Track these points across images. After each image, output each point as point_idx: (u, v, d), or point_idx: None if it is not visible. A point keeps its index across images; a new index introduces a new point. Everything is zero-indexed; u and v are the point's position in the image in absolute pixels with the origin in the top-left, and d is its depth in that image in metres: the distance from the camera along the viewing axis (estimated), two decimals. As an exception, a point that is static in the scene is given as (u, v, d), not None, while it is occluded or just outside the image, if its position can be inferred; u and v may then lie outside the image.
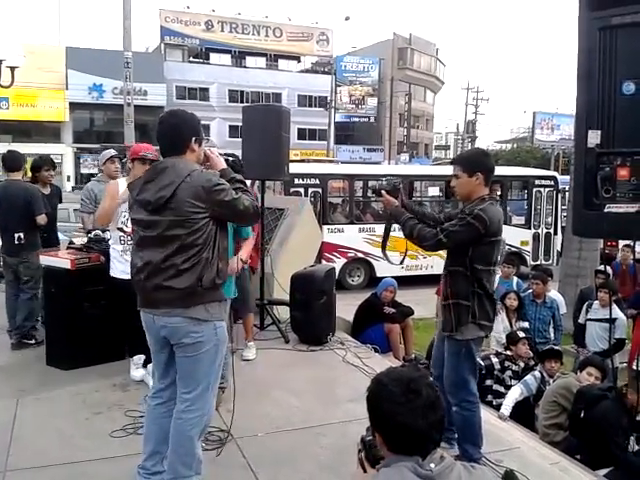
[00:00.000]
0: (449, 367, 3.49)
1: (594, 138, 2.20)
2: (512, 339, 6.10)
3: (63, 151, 31.73)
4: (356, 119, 46.12)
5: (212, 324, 2.77)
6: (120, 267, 4.29)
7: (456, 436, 3.57)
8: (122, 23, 13.77)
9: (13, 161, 5.61)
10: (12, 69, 8.72)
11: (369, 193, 13.32)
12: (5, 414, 3.94)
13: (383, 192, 3.49)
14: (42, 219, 5.35)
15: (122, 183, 4.29)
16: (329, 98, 41.05)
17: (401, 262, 4.25)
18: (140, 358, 4.47)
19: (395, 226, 3.68)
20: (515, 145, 53.03)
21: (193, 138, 2.79)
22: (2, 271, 6.18)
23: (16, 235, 5.38)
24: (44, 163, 5.99)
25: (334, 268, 6.21)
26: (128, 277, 4.16)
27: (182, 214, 2.63)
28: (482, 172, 3.36)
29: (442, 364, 3.56)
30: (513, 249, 13.48)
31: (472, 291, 3.32)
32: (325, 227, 11.60)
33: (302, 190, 12.36)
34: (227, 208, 2.71)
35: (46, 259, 4.84)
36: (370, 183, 13.03)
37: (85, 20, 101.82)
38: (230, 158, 3.86)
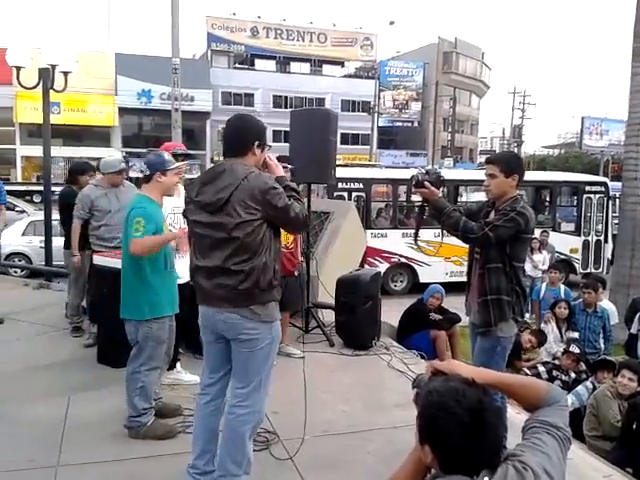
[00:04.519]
0: (479, 364, 3.48)
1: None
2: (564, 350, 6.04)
3: (112, 155, 32.53)
4: (399, 124, 45.93)
5: (268, 323, 2.83)
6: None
7: None
8: (170, 30, 14.05)
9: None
10: (65, 74, 9.01)
11: (413, 197, 13.20)
12: (57, 411, 4.04)
13: (427, 184, 3.44)
14: None
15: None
16: (372, 103, 40.99)
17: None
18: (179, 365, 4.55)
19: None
20: (562, 150, 51.91)
21: (256, 142, 2.85)
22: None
23: None
24: (89, 168, 6.26)
25: (380, 273, 6.18)
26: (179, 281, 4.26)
27: (239, 216, 2.68)
28: (518, 174, 3.47)
29: None
30: (562, 256, 13.18)
31: (511, 287, 3.43)
32: (368, 232, 11.56)
33: (345, 194, 12.36)
34: (279, 212, 2.76)
35: (99, 259, 4.93)
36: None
37: (134, 27, 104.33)
38: (289, 166, 3.88)
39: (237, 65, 43.18)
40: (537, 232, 10.89)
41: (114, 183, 5.34)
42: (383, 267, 12.22)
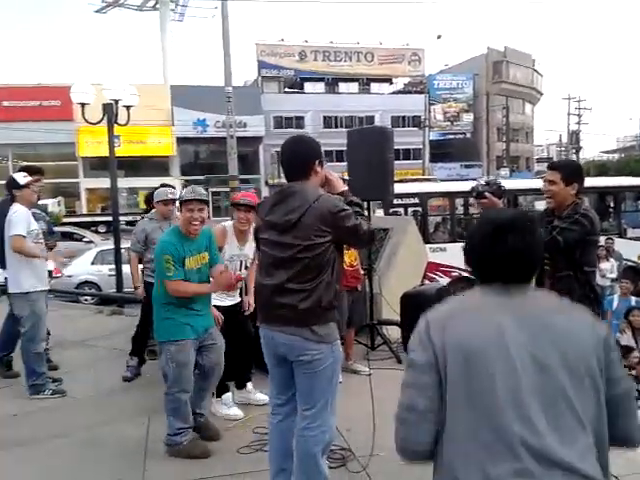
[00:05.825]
0: None
1: None
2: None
3: (172, 183, 33.49)
4: (451, 136, 45.55)
5: (329, 343, 2.84)
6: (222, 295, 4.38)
7: None
8: (223, 60, 14.47)
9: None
10: (128, 108, 9.39)
11: (471, 210, 13.04)
12: (138, 431, 4.18)
13: (487, 194, 3.43)
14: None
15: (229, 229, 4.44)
16: (423, 117, 40.85)
17: None
18: (229, 397, 4.49)
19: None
20: (622, 155, 50.20)
21: (317, 161, 2.90)
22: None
23: None
24: None
25: (446, 286, 6.13)
26: (228, 304, 4.40)
27: (308, 237, 2.72)
28: (578, 184, 3.48)
29: None
30: (630, 263, 12.70)
31: (584, 293, 3.35)
32: (427, 246, 11.44)
33: (402, 210, 12.31)
34: (349, 232, 2.80)
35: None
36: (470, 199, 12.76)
37: (187, 58, 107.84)
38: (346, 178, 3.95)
39: (287, 89, 43.95)
40: (602, 240, 10.54)
41: (164, 215, 5.38)
42: (444, 282, 12.06)
